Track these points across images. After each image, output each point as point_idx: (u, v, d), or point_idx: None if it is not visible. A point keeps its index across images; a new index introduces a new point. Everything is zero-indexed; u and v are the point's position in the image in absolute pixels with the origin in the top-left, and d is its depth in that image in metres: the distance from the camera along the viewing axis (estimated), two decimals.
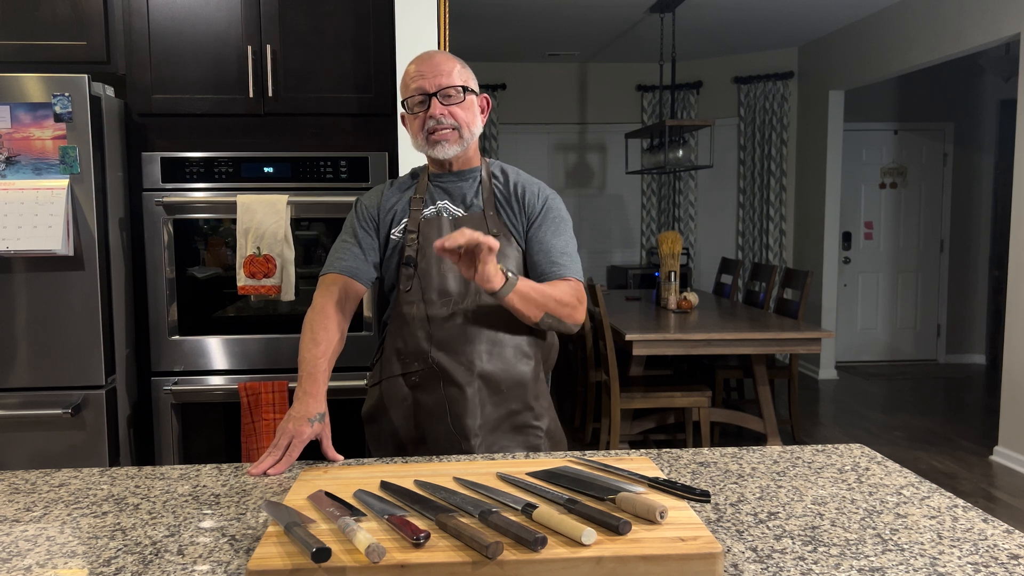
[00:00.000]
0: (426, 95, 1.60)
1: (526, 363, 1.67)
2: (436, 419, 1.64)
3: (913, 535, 1.08)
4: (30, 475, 1.38)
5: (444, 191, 1.68)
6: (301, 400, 1.49)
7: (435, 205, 1.67)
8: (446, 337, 1.62)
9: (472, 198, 1.67)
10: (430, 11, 2.46)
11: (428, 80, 1.60)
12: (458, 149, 1.63)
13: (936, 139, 6.76)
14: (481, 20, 5.53)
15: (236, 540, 1.09)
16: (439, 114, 1.59)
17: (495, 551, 0.92)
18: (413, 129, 1.64)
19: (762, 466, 1.38)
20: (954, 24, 4.74)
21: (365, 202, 1.72)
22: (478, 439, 1.62)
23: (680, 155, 5.28)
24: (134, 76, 2.49)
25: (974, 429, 4.94)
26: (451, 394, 1.62)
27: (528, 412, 1.68)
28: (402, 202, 1.69)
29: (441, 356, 1.62)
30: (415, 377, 1.64)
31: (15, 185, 2.26)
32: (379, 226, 1.68)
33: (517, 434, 1.67)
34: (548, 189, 1.73)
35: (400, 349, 1.65)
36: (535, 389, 1.69)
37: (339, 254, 1.67)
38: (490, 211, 1.66)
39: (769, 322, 4.05)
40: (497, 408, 1.64)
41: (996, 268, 6.70)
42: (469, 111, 1.63)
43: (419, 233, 1.64)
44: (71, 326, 2.34)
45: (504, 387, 1.64)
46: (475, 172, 1.70)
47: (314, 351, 1.54)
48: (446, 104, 1.60)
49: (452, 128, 1.60)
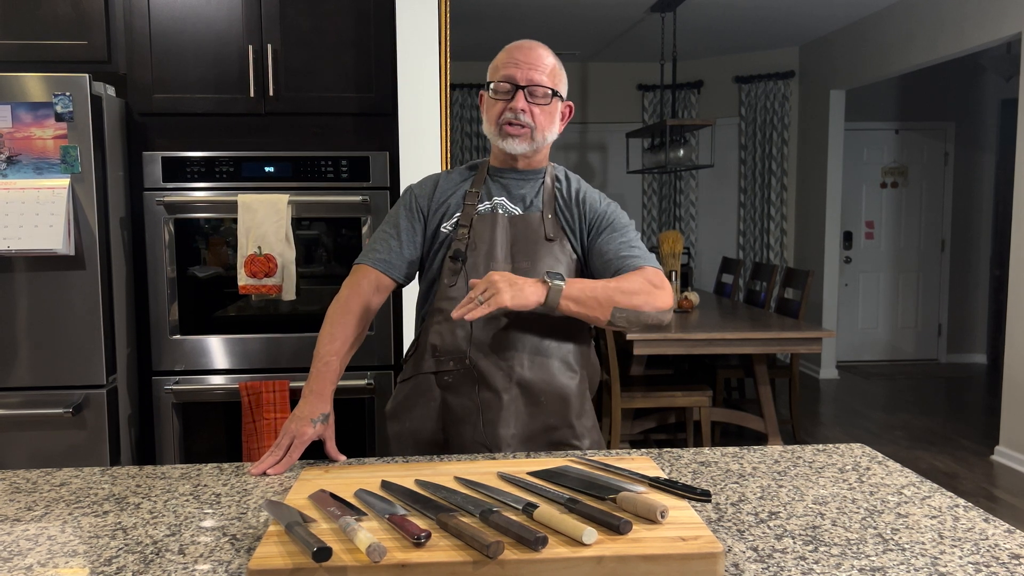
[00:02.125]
0: (514, 86, 1.53)
1: (570, 377, 1.59)
2: (465, 424, 1.56)
3: (914, 535, 1.08)
4: (31, 474, 1.38)
5: (503, 187, 1.62)
6: (307, 399, 1.47)
7: (491, 201, 1.60)
8: (487, 338, 1.54)
9: (532, 198, 1.61)
10: (431, 10, 2.46)
11: (522, 70, 1.53)
12: (527, 148, 1.57)
13: (937, 139, 6.76)
14: (482, 19, 5.53)
15: (237, 539, 1.09)
16: (520, 108, 1.53)
17: (496, 551, 0.92)
18: (490, 114, 1.57)
19: (763, 466, 1.38)
20: (955, 23, 4.74)
21: (416, 191, 1.64)
22: (510, 449, 1.54)
23: (681, 155, 5.28)
24: (135, 76, 2.49)
25: (975, 429, 4.94)
26: (486, 399, 1.54)
27: (568, 429, 1.58)
28: (457, 195, 1.62)
29: (479, 358, 1.54)
30: (448, 377, 1.57)
31: (16, 184, 2.26)
32: (428, 218, 1.61)
33: (554, 451, 1.55)
34: (608, 198, 1.67)
35: (436, 345, 1.57)
36: (579, 407, 1.60)
37: (376, 245, 1.60)
38: (549, 213, 1.60)
39: (770, 322, 4.04)
40: (533, 420, 1.56)
41: (997, 268, 6.69)
42: (550, 115, 1.57)
43: (471, 228, 1.57)
44: (72, 326, 2.34)
45: (544, 398, 1.56)
46: (540, 174, 1.64)
47: (329, 347, 1.50)
48: (531, 101, 1.54)
49: (527, 127, 1.55)
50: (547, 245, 1.57)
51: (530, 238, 1.57)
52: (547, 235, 1.57)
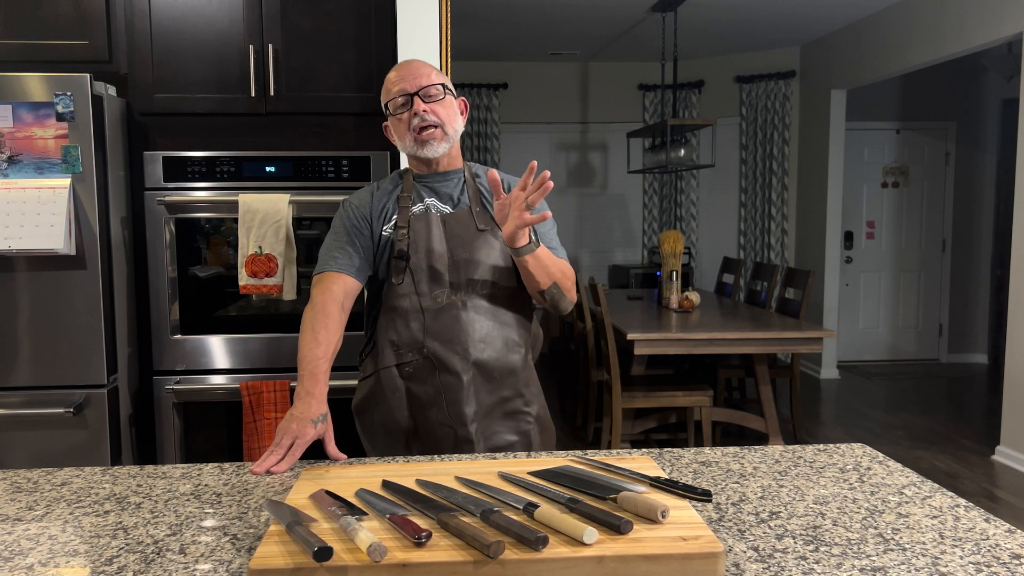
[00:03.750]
0: (408, 95, 1.67)
1: (517, 350, 1.73)
2: (430, 408, 1.67)
3: (915, 535, 1.08)
4: (32, 474, 1.39)
5: (431, 190, 1.75)
6: (303, 400, 1.49)
7: (423, 203, 1.73)
8: (441, 328, 1.66)
9: (458, 196, 1.75)
10: (432, 10, 2.46)
11: (408, 82, 1.68)
12: (446, 147, 1.71)
13: (938, 138, 6.76)
14: (483, 19, 5.53)
15: (238, 539, 1.09)
16: (422, 111, 1.66)
17: (496, 550, 0.92)
18: (399, 132, 1.71)
19: (764, 465, 1.38)
20: (956, 23, 4.73)
21: (355, 202, 1.76)
22: (475, 425, 1.66)
23: (682, 154, 5.27)
24: (136, 75, 2.49)
25: (976, 429, 4.93)
26: (447, 383, 1.66)
27: (519, 399, 1.73)
28: (391, 201, 1.74)
29: (436, 346, 1.66)
30: (409, 368, 1.68)
31: (17, 184, 2.26)
32: (372, 224, 1.73)
33: (508, 420, 1.72)
34: None
35: (394, 341, 1.69)
36: (525, 376, 1.75)
37: (334, 253, 1.70)
38: (476, 207, 1.73)
39: (771, 321, 4.04)
40: (491, 395, 1.69)
41: (998, 267, 6.69)
42: (450, 109, 1.71)
43: (409, 228, 1.70)
44: (73, 325, 2.34)
45: (497, 374, 1.69)
46: (458, 173, 1.78)
47: (315, 351, 1.55)
48: (427, 103, 1.67)
49: (436, 126, 1.68)
50: (480, 235, 1.71)
51: (463, 232, 1.71)
52: (478, 227, 1.71)
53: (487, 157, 6.95)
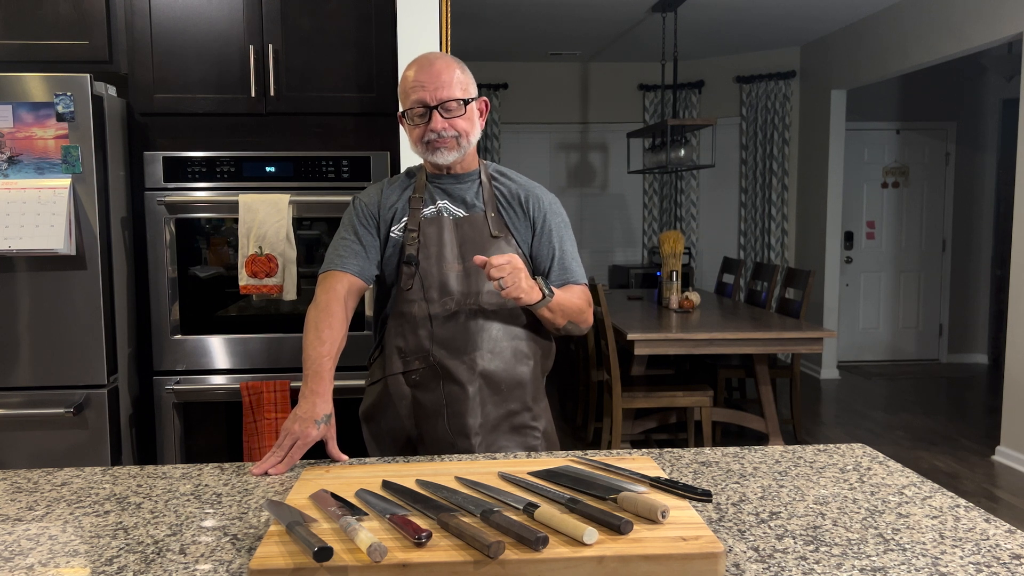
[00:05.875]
0: (427, 108, 1.58)
1: (525, 363, 1.68)
2: (435, 418, 1.64)
3: (915, 535, 1.08)
4: (32, 474, 1.39)
5: (444, 192, 1.69)
6: (307, 399, 1.47)
7: (435, 205, 1.67)
8: (448, 336, 1.63)
9: (473, 199, 1.68)
10: (432, 10, 2.46)
11: (429, 92, 1.58)
12: (457, 155, 1.63)
13: (938, 138, 6.76)
14: (483, 20, 5.53)
15: (238, 539, 1.09)
16: (441, 128, 1.59)
17: (497, 550, 0.92)
18: (412, 136, 1.64)
19: (764, 466, 1.38)
20: (956, 23, 4.73)
21: (364, 199, 1.71)
22: (478, 438, 1.63)
23: (682, 154, 5.27)
24: (136, 75, 2.49)
25: (976, 429, 4.93)
26: (452, 392, 1.63)
27: (527, 413, 1.69)
28: (402, 200, 1.69)
29: (443, 355, 1.63)
30: (415, 375, 1.65)
31: (17, 184, 2.26)
32: (379, 223, 1.68)
33: (515, 434, 1.68)
34: (549, 193, 1.76)
35: (401, 347, 1.66)
36: (534, 390, 1.71)
37: (340, 251, 1.66)
38: (492, 212, 1.67)
39: (771, 322, 4.04)
40: (497, 408, 1.66)
41: (998, 267, 6.69)
42: (469, 120, 1.63)
43: (420, 232, 1.65)
44: (73, 325, 2.34)
45: (504, 387, 1.65)
46: (474, 175, 1.71)
47: (319, 349, 1.53)
48: (447, 117, 1.59)
49: (452, 138, 1.61)
50: (493, 242, 1.65)
51: (477, 238, 1.65)
52: (492, 233, 1.65)
53: (487, 157, 6.95)
